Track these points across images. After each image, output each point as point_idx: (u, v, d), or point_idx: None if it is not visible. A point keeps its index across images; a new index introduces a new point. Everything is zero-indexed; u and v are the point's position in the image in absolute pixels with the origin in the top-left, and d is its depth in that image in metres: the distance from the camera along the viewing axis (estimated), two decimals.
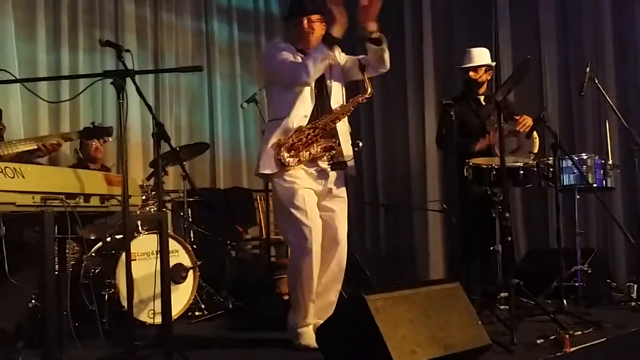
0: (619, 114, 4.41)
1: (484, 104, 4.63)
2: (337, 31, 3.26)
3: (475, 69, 4.62)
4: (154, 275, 3.14)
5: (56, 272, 2.87)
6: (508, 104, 4.42)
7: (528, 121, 4.30)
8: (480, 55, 4.65)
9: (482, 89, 4.65)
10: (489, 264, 4.26)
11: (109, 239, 4.22)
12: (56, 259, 2.86)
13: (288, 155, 3.30)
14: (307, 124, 3.35)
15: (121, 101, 2.64)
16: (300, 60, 3.35)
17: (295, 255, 3.34)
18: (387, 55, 3.41)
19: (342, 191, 3.50)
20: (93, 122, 3.86)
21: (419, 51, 6.39)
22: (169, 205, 5.24)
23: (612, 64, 5.48)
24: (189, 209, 5.05)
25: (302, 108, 3.35)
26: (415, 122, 6.39)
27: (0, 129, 3.36)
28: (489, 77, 4.66)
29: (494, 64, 4.69)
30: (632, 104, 5.39)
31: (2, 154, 2.97)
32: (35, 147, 3.07)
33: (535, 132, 4.29)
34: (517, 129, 4.30)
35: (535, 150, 4.27)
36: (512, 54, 5.91)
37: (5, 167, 2.44)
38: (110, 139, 3.73)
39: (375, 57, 3.41)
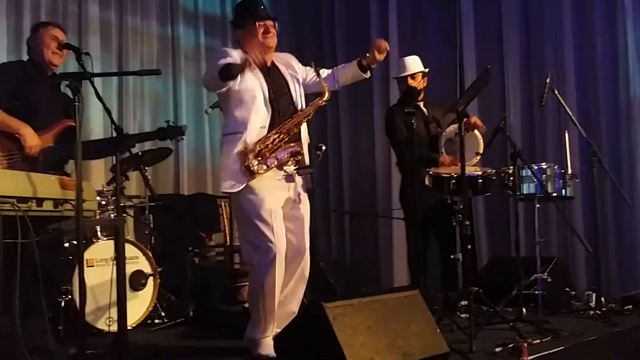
0: (578, 125, 4.49)
1: (424, 110, 4.65)
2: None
3: (413, 76, 4.65)
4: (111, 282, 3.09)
5: None
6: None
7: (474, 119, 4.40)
8: (415, 63, 4.70)
9: (421, 96, 4.68)
10: (451, 272, 4.28)
11: (66, 245, 4.13)
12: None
13: (256, 162, 3.21)
14: (269, 131, 3.28)
15: (77, 104, 2.60)
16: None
17: (258, 271, 3.26)
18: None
19: (306, 197, 3.47)
20: (168, 121, 3.80)
21: (386, 62, 6.40)
22: (130, 211, 5.15)
23: (573, 75, 5.58)
24: (151, 215, 4.97)
25: (258, 120, 3.27)
26: (382, 130, 6.39)
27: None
28: (425, 84, 4.69)
29: (427, 69, 4.71)
30: (592, 115, 5.50)
31: None
32: None
33: (478, 132, 4.34)
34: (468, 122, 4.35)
35: (481, 151, 4.32)
36: (476, 64, 5.98)
37: None
38: (184, 138, 3.69)
39: (350, 78, 3.52)
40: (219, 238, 5.93)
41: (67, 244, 4.13)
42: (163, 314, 4.40)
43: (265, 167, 3.24)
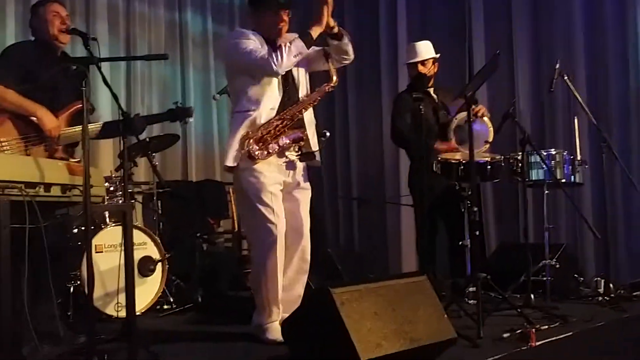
0: (587, 111, 4.45)
1: (434, 96, 4.60)
2: (316, 31, 3.26)
3: (424, 62, 4.58)
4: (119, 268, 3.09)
5: None
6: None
7: (482, 109, 4.33)
8: (426, 48, 4.62)
9: (431, 82, 4.63)
10: (459, 258, 4.27)
11: (75, 230, 4.15)
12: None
13: (257, 148, 3.25)
14: (275, 115, 3.31)
15: (84, 88, 2.59)
16: (266, 49, 3.30)
17: (259, 252, 3.29)
18: (349, 47, 3.42)
19: (307, 183, 3.49)
20: (176, 102, 3.77)
21: (394, 45, 6.40)
22: (139, 197, 5.17)
23: (583, 60, 5.52)
24: (159, 201, 4.99)
25: (270, 101, 3.30)
26: (390, 115, 6.38)
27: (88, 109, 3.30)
28: (435, 70, 4.64)
29: (438, 55, 4.65)
30: (602, 100, 5.45)
31: None
32: None
33: (488, 120, 4.31)
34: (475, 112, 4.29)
35: (490, 140, 4.28)
36: (485, 48, 5.93)
37: None
38: (191, 120, 3.67)
39: (337, 52, 3.43)
40: (227, 224, 5.95)
41: (75, 230, 4.16)
42: (171, 300, 4.43)
43: (266, 153, 3.28)
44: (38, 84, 3.27)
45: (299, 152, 3.40)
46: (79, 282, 3.90)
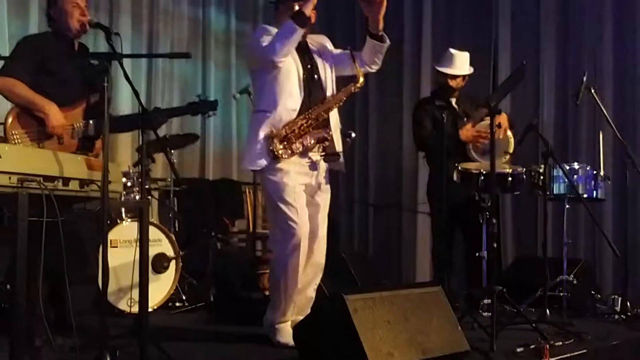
0: (613, 126, 4.38)
1: (455, 107, 4.52)
2: (308, 8, 3.22)
3: (455, 76, 4.49)
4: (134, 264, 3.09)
5: None
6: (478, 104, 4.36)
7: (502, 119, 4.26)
8: (462, 63, 4.48)
9: (455, 94, 4.55)
10: (475, 269, 4.22)
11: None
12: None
13: (281, 147, 3.22)
14: (298, 115, 3.27)
15: (105, 84, 2.58)
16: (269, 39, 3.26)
17: (281, 252, 3.27)
18: (382, 54, 3.40)
19: (328, 188, 3.46)
20: (199, 95, 3.75)
21: (417, 51, 6.35)
22: (155, 194, 5.17)
23: (610, 73, 5.45)
24: (175, 199, 4.99)
25: (290, 101, 3.26)
26: (410, 122, 6.32)
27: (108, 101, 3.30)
28: (463, 84, 4.55)
29: (471, 71, 4.55)
30: (628, 115, 5.37)
31: None
32: None
33: (509, 132, 4.25)
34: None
35: (511, 151, 4.22)
36: (510, 58, 5.87)
37: None
38: (215, 113, 3.67)
39: (371, 54, 3.39)
40: (242, 225, 5.94)
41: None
42: (184, 298, 4.43)
43: (289, 152, 3.24)
44: (52, 76, 3.23)
45: (324, 153, 3.36)
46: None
